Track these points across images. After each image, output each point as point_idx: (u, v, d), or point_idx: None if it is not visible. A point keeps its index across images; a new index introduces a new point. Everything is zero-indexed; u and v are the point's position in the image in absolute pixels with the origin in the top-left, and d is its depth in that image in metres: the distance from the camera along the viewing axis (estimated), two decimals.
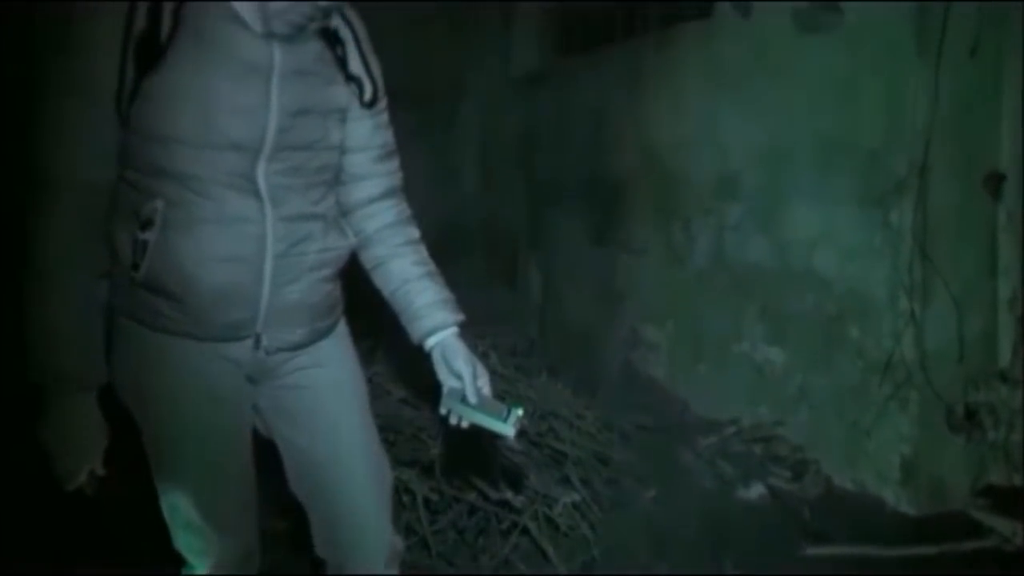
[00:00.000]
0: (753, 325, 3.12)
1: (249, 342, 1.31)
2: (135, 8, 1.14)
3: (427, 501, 2.12)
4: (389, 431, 2.22)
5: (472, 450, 2.18)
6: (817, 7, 2.74)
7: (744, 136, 3.09)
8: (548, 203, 4.45)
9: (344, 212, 1.42)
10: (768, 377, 3.07)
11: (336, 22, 1.33)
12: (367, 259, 1.46)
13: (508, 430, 1.30)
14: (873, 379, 2.67)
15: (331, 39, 1.32)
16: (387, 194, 1.45)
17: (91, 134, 1.17)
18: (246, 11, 1.20)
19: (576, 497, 2.28)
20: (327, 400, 1.44)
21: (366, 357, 2.41)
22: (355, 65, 1.35)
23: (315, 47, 1.29)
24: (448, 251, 2.31)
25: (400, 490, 2.09)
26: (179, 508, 1.33)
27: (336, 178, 1.38)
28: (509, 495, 2.09)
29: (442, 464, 2.19)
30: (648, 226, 3.69)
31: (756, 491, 2.80)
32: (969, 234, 2.60)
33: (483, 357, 3.44)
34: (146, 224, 1.19)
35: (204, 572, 1.36)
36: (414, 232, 1.46)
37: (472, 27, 4.86)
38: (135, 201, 1.21)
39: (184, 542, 1.36)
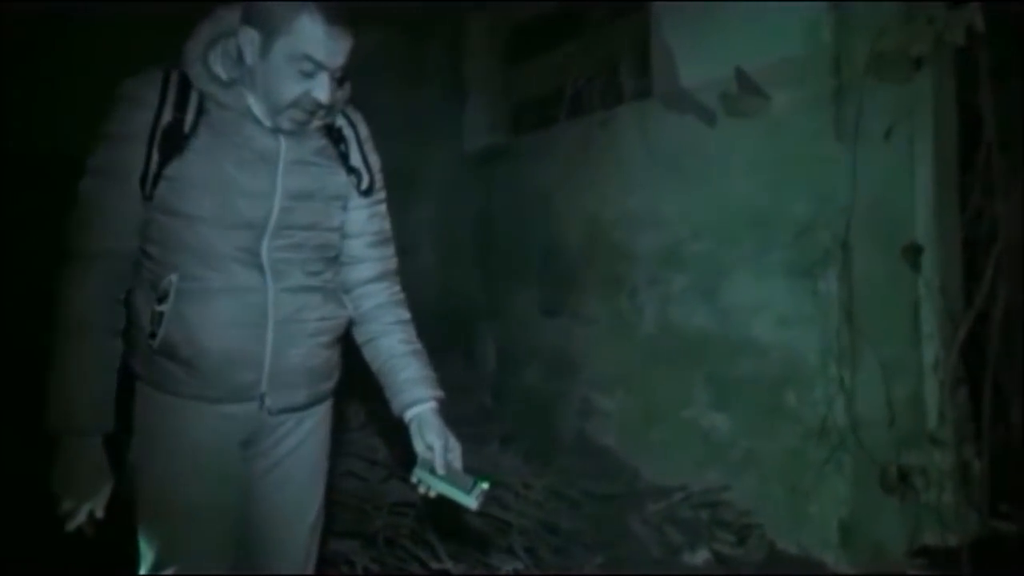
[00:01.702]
0: (699, 392, 3.21)
1: (255, 404, 1.45)
2: (164, 102, 1.34)
3: (367, 572, 2.14)
4: (332, 504, 2.24)
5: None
6: (744, 92, 2.92)
7: (682, 210, 3.24)
8: (502, 275, 4.56)
9: (344, 290, 1.57)
10: (714, 443, 3.14)
11: (341, 122, 1.53)
12: (360, 334, 1.60)
13: (471, 502, 1.41)
14: (811, 443, 2.75)
15: (335, 137, 1.53)
16: (381, 277, 1.60)
17: (116, 210, 1.36)
18: (258, 108, 1.41)
19: (519, 565, 2.31)
20: (299, 467, 1.56)
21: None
22: (355, 159, 1.55)
23: (318, 142, 1.49)
24: None
25: (341, 561, 2.11)
26: (158, 554, 1.41)
27: (336, 257, 1.55)
28: (449, 564, 2.11)
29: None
30: (598, 296, 3.80)
31: (701, 556, 2.84)
32: (893, 302, 2.72)
33: None
34: (162, 297, 1.37)
35: None
36: (404, 313, 1.62)
37: (427, 107, 5.05)
38: (154, 274, 1.38)
39: None
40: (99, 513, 1.37)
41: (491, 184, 4.65)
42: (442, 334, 5.06)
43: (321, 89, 1.36)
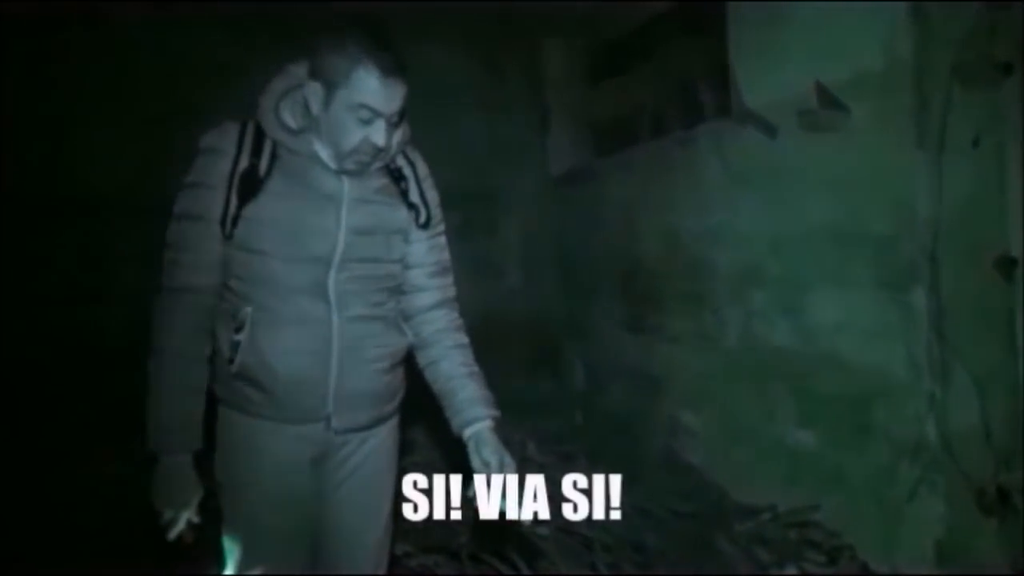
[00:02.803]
0: (784, 409, 3.18)
1: (321, 424, 1.57)
2: (241, 150, 1.51)
3: None
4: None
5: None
6: (824, 106, 2.90)
7: (762, 227, 3.23)
8: (587, 294, 4.62)
9: (406, 317, 1.70)
10: (801, 460, 3.10)
11: (400, 162, 1.67)
12: (421, 358, 1.72)
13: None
14: (902, 461, 2.69)
15: (396, 175, 1.65)
16: (440, 304, 1.72)
17: (198, 250, 1.51)
18: (324, 153, 1.54)
19: None
20: (362, 485, 1.68)
21: (404, 448, 2.59)
22: (414, 195, 1.68)
23: (380, 181, 1.62)
24: (493, 342, 2.46)
25: (428, 574, 2.21)
26: (239, 558, 1.56)
27: (398, 287, 1.67)
28: None
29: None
30: (680, 314, 3.81)
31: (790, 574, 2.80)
32: (985, 316, 2.64)
33: (521, 445, 3.59)
34: (240, 326, 1.51)
35: None
36: (462, 338, 1.72)
37: (512, 134, 5.18)
38: (232, 306, 1.53)
39: None
40: (195, 519, 1.53)
41: (574, 205, 4.73)
42: (531, 353, 5.16)
43: (378, 134, 1.49)
